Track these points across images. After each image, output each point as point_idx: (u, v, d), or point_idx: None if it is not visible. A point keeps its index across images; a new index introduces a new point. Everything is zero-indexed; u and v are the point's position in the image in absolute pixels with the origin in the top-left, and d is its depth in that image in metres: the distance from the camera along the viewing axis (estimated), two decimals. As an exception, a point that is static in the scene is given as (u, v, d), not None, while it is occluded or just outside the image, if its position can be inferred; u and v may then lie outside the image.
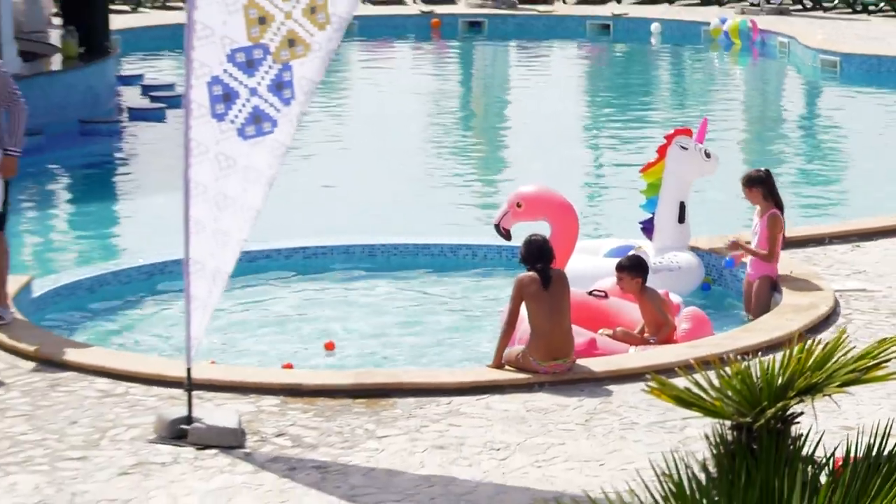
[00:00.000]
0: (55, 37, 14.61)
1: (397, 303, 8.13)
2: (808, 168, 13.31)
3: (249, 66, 5.04)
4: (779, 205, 7.42)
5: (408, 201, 11.32)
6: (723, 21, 19.58)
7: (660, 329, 6.63)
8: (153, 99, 15.05)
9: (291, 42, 5.06)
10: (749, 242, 7.47)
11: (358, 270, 8.60)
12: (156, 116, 14.25)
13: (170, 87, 15.20)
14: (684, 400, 2.37)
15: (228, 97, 5.04)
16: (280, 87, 5.08)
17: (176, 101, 13.06)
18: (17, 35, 13.19)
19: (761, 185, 7.42)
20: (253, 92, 5.06)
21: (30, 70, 12.98)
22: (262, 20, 5.02)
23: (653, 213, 7.99)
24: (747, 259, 7.52)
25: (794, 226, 8.50)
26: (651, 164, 8.09)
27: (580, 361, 6.14)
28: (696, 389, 2.35)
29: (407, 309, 8.03)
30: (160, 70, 17.37)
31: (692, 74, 20.26)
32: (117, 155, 13.34)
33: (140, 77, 16.05)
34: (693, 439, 5.00)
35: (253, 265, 7.97)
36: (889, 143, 13.90)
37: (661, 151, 7.96)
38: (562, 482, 4.88)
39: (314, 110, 13.09)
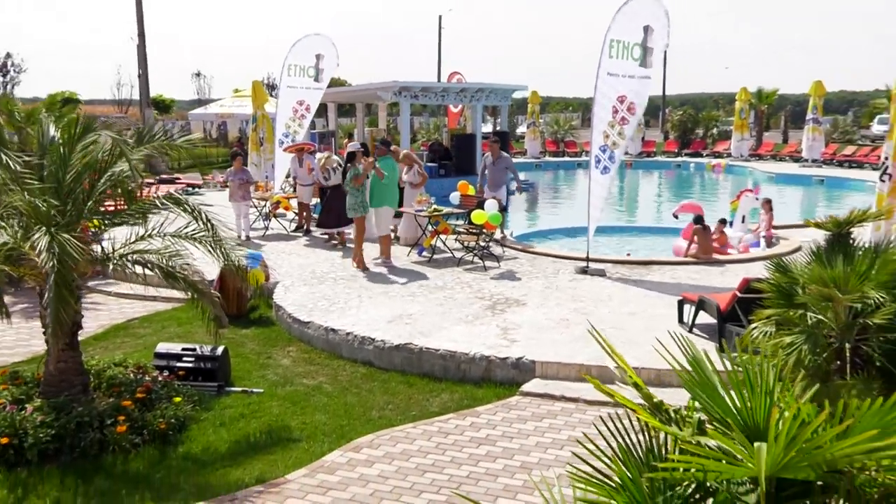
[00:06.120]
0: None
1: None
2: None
3: (603, 150, 15.21)
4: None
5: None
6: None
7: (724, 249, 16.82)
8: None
9: (615, 144, 15.14)
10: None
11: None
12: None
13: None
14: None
15: (599, 161, 15.15)
16: (612, 159, 15.15)
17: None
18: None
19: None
20: (605, 159, 15.23)
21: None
22: (607, 136, 15.16)
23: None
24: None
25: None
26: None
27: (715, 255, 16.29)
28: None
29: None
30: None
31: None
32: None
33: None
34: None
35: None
36: None
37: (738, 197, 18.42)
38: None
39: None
